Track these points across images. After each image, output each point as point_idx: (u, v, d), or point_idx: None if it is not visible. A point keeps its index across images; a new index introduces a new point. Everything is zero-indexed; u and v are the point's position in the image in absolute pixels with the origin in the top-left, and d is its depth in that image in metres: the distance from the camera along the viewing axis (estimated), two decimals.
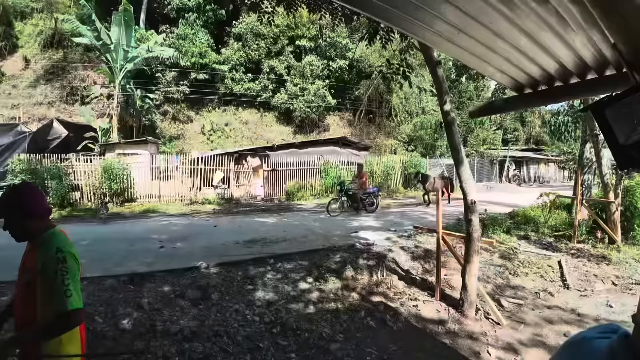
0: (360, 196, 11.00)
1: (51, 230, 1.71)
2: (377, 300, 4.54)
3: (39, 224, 1.68)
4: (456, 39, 1.91)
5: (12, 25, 21.34)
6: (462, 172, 4.16)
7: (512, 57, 2.29)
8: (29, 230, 1.65)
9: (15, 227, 1.63)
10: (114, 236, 7.99)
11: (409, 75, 5.32)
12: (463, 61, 2.31)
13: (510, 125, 30.71)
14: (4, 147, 13.61)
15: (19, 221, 1.62)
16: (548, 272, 5.62)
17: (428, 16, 1.64)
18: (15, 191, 1.68)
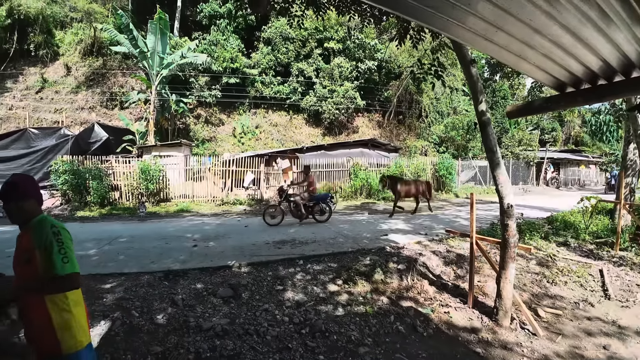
0: (304, 203, 9.54)
1: (42, 215, 1.93)
2: (407, 305, 4.44)
3: (33, 208, 1.90)
4: (492, 36, 1.85)
5: (53, 34, 22.78)
6: (498, 174, 4.00)
7: (552, 54, 2.18)
8: (25, 212, 1.86)
9: (14, 208, 1.84)
10: (150, 234, 8.33)
11: (442, 74, 5.18)
12: (500, 59, 2.23)
13: (547, 125, 29.31)
14: (47, 149, 14.53)
15: (18, 202, 1.84)
16: (588, 281, 5.29)
17: (463, 14, 1.59)
18: (15, 178, 1.90)
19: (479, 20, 1.66)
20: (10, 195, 1.81)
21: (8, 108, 20.08)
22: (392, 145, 19.94)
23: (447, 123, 24.68)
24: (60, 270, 1.75)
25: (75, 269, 1.81)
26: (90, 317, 3.75)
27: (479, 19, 1.64)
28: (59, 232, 1.83)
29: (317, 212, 9.62)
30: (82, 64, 22.59)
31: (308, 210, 9.54)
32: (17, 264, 1.84)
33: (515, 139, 23.09)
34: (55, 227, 1.84)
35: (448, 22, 1.60)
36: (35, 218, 1.90)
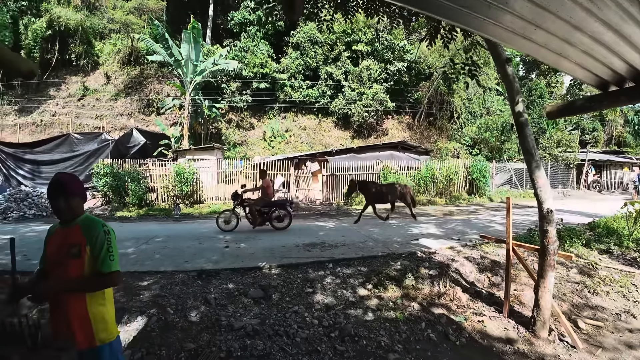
0: (259, 209, 8.96)
1: (86, 214, 2.05)
2: (439, 312, 4.32)
3: (79, 205, 2.00)
4: (531, 34, 1.78)
5: (92, 44, 24.25)
6: (537, 177, 3.82)
7: (593, 51, 2.08)
8: (72, 209, 1.95)
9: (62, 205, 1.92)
10: (184, 234, 8.63)
11: (476, 74, 5.03)
12: (538, 57, 2.14)
13: (588, 125, 27.67)
14: (89, 152, 15.49)
15: (66, 200, 1.92)
16: (631, 292, 4.92)
17: (498, 12, 1.55)
18: (61, 177, 1.98)
19: (516, 18, 1.60)
20: (58, 193, 1.91)
21: (52, 114, 21.57)
22: (422, 148, 19.53)
23: (480, 124, 23.87)
24: (107, 268, 1.90)
25: (118, 267, 1.96)
26: (128, 312, 3.97)
27: (516, 17, 1.59)
28: (109, 232, 1.97)
29: (275, 219, 9.08)
30: (120, 72, 23.92)
31: (264, 217, 9.00)
32: (61, 257, 1.92)
33: (553, 140, 21.95)
34: (105, 226, 1.98)
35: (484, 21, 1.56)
36: (81, 215, 2.01)
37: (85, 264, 1.90)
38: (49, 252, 1.99)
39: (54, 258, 1.95)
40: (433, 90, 24.83)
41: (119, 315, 3.89)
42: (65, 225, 1.98)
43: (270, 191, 9.12)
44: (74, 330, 1.86)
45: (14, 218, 11.36)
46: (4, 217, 11.37)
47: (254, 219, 8.92)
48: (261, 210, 8.98)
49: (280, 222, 9.12)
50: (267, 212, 9.02)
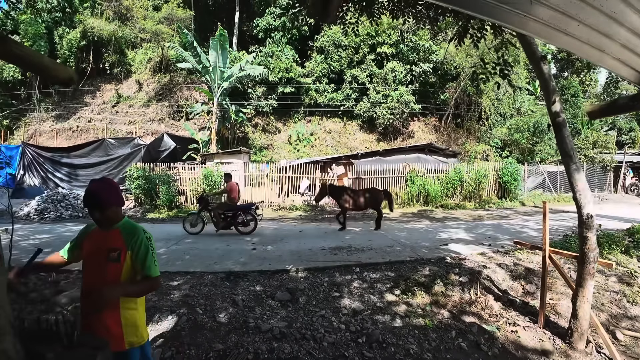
0: (223, 213, 8.96)
1: (126, 218, 2.09)
2: (470, 320, 4.17)
3: (117, 212, 2.02)
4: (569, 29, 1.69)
5: (125, 54, 25.38)
6: (577, 181, 3.63)
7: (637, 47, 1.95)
8: (109, 218, 1.98)
9: (98, 216, 1.95)
10: (213, 236, 8.81)
11: (508, 73, 4.85)
12: (580, 54, 2.03)
13: (624, 125, 26.13)
14: (123, 156, 16.16)
15: (102, 211, 1.94)
16: None
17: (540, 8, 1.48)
18: (94, 187, 1.97)
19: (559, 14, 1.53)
20: (93, 205, 1.93)
21: (87, 120, 22.73)
22: (450, 150, 19.09)
23: (511, 125, 23.05)
24: (153, 272, 1.97)
25: (159, 272, 2.03)
26: (159, 311, 4.08)
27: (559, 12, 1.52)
28: (149, 238, 2.03)
29: (240, 224, 8.95)
30: (152, 80, 24.92)
31: (228, 221, 8.94)
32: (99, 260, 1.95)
33: (589, 141, 20.89)
34: (146, 232, 2.03)
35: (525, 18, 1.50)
36: (121, 220, 2.05)
37: (123, 269, 1.94)
38: (86, 250, 2.02)
39: (91, 258, 1.99)
40: (460, 91, 24.25)
41: (150, 314, 4.02)
42: (106, 230, 2.02)
43: (234, 195, 9.13)
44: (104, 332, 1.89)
45: (51, 218, 11.98)
46: (42, 217, 12.02)
47: (217, 223, 8.94)
48: (225, 215, 8.99)
49: (245, 226, 9.02)
50: (231, 217, 8.99)
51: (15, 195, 14.19)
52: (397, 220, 11.59)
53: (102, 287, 1.89)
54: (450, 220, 11.52)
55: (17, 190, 15.45)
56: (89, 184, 1.99)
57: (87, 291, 1.97)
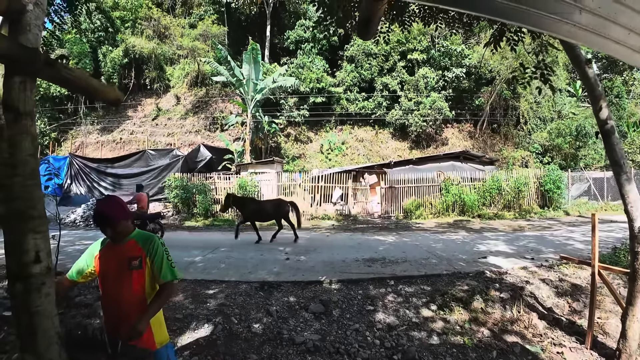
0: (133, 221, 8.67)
1: (137, 229, 2.20)
2: (512, 340, 3.95)
3: (127, 227, 2.13)
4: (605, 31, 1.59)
5: (164, 70, 26.84)
6: (628, 192, 3.38)
7: None
8: (120, 233, 2.09)
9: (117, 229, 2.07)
10: (247, 245, 8.97)
11: (549, 77, 4.62)
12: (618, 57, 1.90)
13: None
14: (162, 167, 16.91)
15: (113, 228, 2.06)
16: None
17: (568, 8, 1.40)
18: (114, 201, 2.13)
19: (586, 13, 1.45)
20: (103, 224, 2.07)
21: (129, 133, 24.14)
22: (487, 157, 18.35)
23: (551, 129, 21.88)
24: (173, 276, 2.09)
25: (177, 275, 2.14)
26: (196, 319, 4.19)
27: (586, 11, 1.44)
28: (164, 244, 2.16)
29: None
30: (189, 93, 26.16)
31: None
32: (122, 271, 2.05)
33: (636, 145, 19.37)
34: (160, 239, 2.17)
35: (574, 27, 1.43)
36: (134, 231, 2.18)
37: (146, 274, 2.07)
38: (103, 267, 2.12)
39: (111, 272, 2.09)
40: (496, 95, 23.39)
41: (187, 321, 4.13)
42: (119, 242, 2.13)
43: (142, 205, 9.36)
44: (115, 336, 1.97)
45: (95, 225, 12.74)
46: (87, 223, 12.82)
47: None
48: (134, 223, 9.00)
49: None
50: (139, 225, 8.87)
51: (62, 203, 15.18)
52: (432, 231, 11.26)
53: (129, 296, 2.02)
54: (488, 231, 11.04)
55: (64, 198, 16.55)
56: (96, 204, 2.15)
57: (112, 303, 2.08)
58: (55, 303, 1.72)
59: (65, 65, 2.02)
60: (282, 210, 9.62)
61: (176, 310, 4.49)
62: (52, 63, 1.74)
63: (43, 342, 1.62)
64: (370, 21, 2.02)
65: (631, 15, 1.41)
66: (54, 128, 24.12)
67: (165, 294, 2.11)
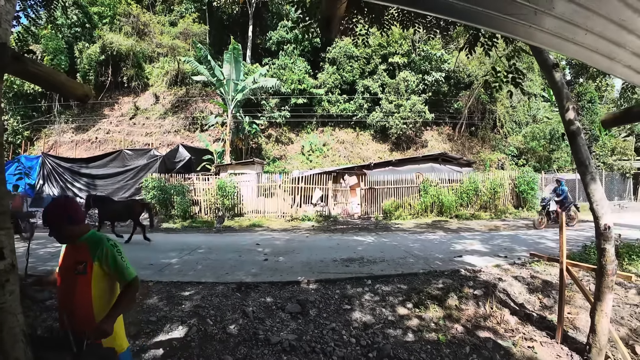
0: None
1: (92, 231, 2.13)
2: (485, 335, 4.04)
3: (78, 229, 2.06)
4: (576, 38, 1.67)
5: (143, 68, 26.16)
6: (593, 191, 3.52)
7: None
8: (69, 236, 2.03)
9: (62, 233, 2.01)
10: (225, 247, 8.86)
11: (520, 81, 4.78)
12: (588, 62, 1.99)
13: None
14: (139, 167, 16.48)
15: (65, 227, 2.00)
16: None
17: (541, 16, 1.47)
18: (58, 204, 2.05)
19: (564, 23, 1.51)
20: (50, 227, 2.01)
21: (106, 132, 23.43)
22: (464, 160, 18.81)
23: (526, 133, 22.69)
24: (129, 275, 2.04)
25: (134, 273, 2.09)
26: (170, 321, 4.10)
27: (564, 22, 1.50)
28: (115, 244, 2.08)
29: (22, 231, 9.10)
30: (168, 92, 25.61)
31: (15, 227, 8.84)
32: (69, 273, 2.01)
33: (607, 148, 20.33)
34: (110, 240, 2.08)
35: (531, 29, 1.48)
36: (86, 234, 2.09)
37: (91, 281, 1.98)
38: (61, 265, 2.09)
39: (62, 273, 2.05)
40: (474, 100, 24.03)
41: (161, 324, 4.04)
42: (71, 244, 2.08)
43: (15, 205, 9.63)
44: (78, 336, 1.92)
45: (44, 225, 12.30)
46: None
47: None
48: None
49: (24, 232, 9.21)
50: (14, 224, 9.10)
51: (34, 204, 14.58)
52: (411, 231, 11.43)
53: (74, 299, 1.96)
54: (465, 231, 11.30)
55: (36, 199, 15.91)
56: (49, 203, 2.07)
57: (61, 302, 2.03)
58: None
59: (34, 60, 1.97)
60: (134, 211, 9.66)
61: (150, 312, 4.39)
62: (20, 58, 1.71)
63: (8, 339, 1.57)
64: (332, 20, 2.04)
65: (586, 15, 1.47)
66: (27, 126, 23.14)
67: (129, 294, 2.05)
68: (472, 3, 1.35)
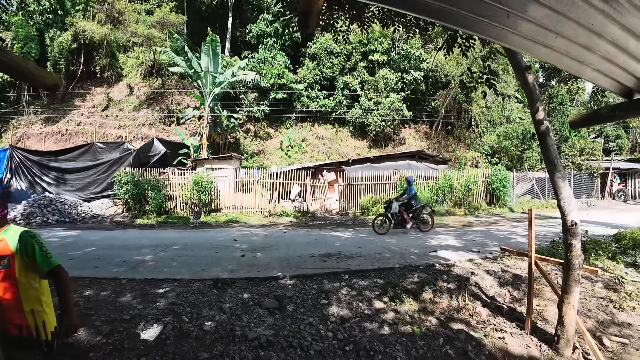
0: None
1: (11, 225, 2.13)
2: (458, 327, 4.18)
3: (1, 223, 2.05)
4: (549, 41, 1.73)
5: (116, 57, 25.21)
6: (561, 189, 3.68)
7: (617, 58, 2.01)
8: None
9: None
10: (201, 243, 8.72)
11: (494, 82, 4.94)
12: (560, 65, 2.08)
13: (611, 132, 26.76)
14: (112, 161, 15.90)
15: None
16: None
17: (518, 20, 1.51)
18: None
19: (536, 26, 1.57)
20: None
21: (77, 124, 22.45)
22: (440, 157, 19.23)
23: (500, 132, 23.44)
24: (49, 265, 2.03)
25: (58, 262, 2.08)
26: (144, 319, 4.01)
27: (536, 25, 1.55)
28: (34, 235, 2.07)
29: None
30: (143, 84, 24.77)
31: None
32: None
33: (576, 148, 21.28)
34: (29, 232, 2.08)
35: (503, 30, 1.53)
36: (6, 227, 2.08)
37: (16, 274, 1.98)
38: None
39: None
40: (450, 99, 24.59)
41: (135, 322, 3.94)
42: None
43: None
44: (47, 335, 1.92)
45: (37, 223, 11.74)
46: (28, 222, 11.79)
47: None
48: None
49: None
50: None
51: None
52: None
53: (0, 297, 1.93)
54: (440, 226, 11.58)
55: (3, 194, 15.12)
56: None
57: None
58: None
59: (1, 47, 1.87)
60: None
61: (123, 310, 4.28)
62: None
63: None
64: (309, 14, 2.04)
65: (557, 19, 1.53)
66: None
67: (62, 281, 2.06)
68: (448, 3, 1.38)
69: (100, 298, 4.72)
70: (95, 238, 9.35)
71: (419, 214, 10.25)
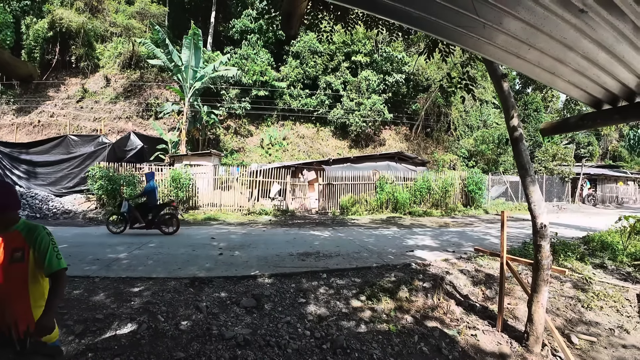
0: None
1: (23, 219, 2.07)
2: (432, 325, 4.29)
3: (14, 216, 2.00)
4: (524, 54, 1.81)
5: (94, 47, 24.35)
6: (532, 192, 3.84)
7: (587, 70, 2.12)
8: (9, 220, 1.96)
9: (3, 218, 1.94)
10: (178, 241, 8.57)
11: (472, 88, 5.09)
12: (532, 76, 2.18)
13: (583, 139, 28.08)
14: (86, 155, 15.33)
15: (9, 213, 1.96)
16: (625, 307, 4.93)
17: (493, 32, 1.58)
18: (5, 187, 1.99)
19: (510, 38, 1.64)
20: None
21: (50, 115, 21.53)
22: (419, 159, 19.64)
23: (477, 136, 24.15)
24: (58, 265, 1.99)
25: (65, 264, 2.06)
26: (118, 319, 3.92)
27: (510, 37, 1.62)
28: (50, 234, 2.05)
29: None
30: (120, 76, 24.01)
31: None
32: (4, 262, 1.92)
33: (549, 154, 22.21)
34: (46, 229, 2.05)
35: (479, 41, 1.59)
36: (19, 222, 2.02)
37: (28, 267, 1.94)
38: None
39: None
40: (431, 102, 25.09)
41: (108, 322, 3.85)
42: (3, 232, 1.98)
43: None
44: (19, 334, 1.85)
45: None
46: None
47: None
48: None
49: None
50: None
51: None
52: (366, 227, 11.74)
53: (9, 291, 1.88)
54: (418, 227, 11.81)
55: None
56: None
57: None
58: None
59: None
60: None
61: (96, 310, 4.17)
62: None
63: None
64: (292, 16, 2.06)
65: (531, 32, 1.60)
66: None
67: (61, 284, 2.01)
68: (427, 12, 1.43)
69: (72, 297, 4.57)
70: (67, 235, 9.03)
71: (157, 214, 9.62)
